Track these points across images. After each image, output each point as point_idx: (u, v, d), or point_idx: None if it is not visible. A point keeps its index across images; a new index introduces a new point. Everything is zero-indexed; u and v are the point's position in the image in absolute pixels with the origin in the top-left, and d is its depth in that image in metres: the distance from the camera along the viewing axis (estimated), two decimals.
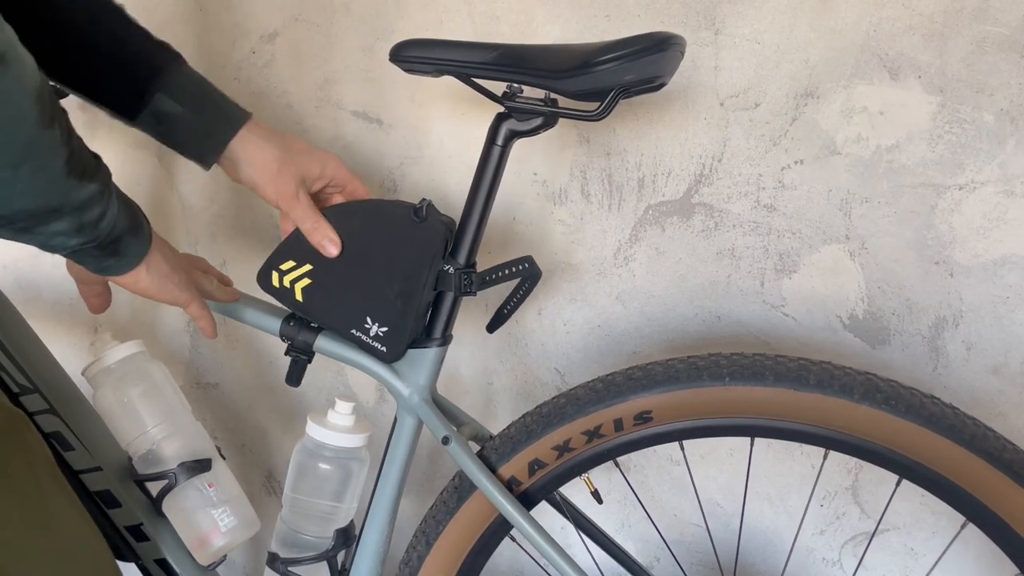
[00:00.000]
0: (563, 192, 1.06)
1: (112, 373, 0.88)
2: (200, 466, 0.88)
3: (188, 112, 0.74)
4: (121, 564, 0.81)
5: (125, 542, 0.89)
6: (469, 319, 1.13)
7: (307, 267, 0.80)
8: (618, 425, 0.81)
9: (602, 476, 1.15)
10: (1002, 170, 0.87)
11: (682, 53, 0.75)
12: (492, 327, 0.88)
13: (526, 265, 0.83)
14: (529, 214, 1.08)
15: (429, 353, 0.84)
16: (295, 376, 0.86)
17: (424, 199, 0.78)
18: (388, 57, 0.79)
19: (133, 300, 1.34)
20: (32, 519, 0.66)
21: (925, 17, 0.86)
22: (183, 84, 0.74)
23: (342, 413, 0.87)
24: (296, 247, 0.80)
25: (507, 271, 0.83)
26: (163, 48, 0.75)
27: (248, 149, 0.76)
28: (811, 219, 0.96)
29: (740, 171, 0.97)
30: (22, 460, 0.67)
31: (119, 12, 0.74)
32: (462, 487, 0.88)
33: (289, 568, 0.88)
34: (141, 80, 0.73)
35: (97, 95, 0.74)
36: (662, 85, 0.76)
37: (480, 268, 0.83)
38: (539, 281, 0.84)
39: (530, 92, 0.77)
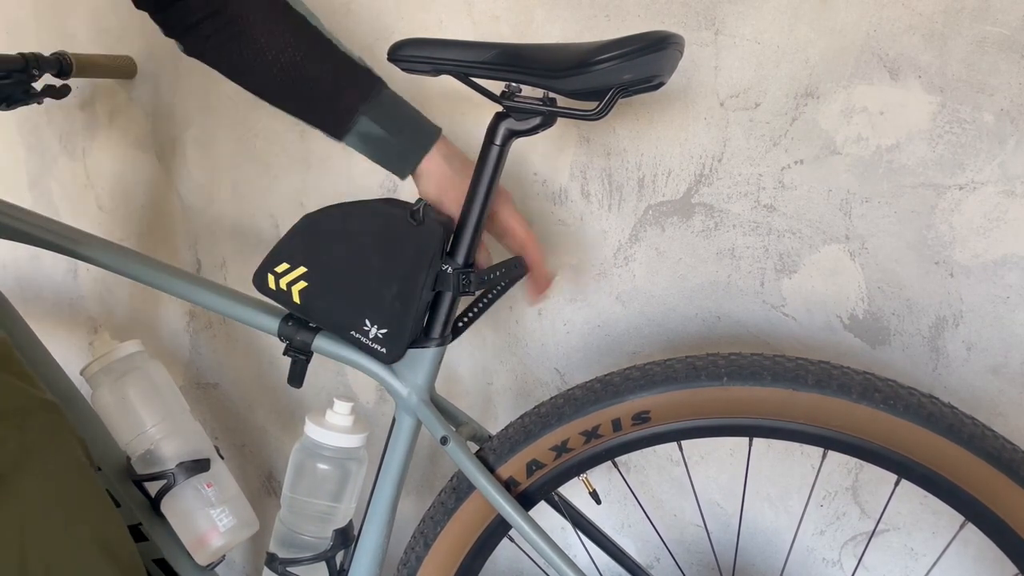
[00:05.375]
0: (563, 192, 1.06)
1: (110, 373, 0.88)
2: (198, 466, 0.88)
3: (388, 134, 0.80)
4: None
5: None
6: None
7: (301, 269, 0.80)
8: (616, 425, 0.81)
9: (603, 476, 1.15)
10: (1002, 170, 0.87)
11: (680, 52, 0.75)
12: (452, 336, 0.87)
13: (520, 264, 0.84)
14: (529, 214, 1.08)
15: (427, 353, 0.84)
16: (297, 377, 0.86)
17: (420, 199, 0.78)
18: (386, 56, 0.79)
19: (132, 299, 1.34)
20: (73, 513, 0.66)
21: (925, 17, 0.86)
22: (384, 107, 0.81)
23: (340, 413, 0.87)
24: (289, 249, 0.80)
25: (504, 270, 0.83)
26: (367, 74, 0.81)
27: (430, 167, 0.83)
28: (811, 219, 0.95)
29: (740, 171, 0.97)
30: (59, 451, 0.67)
31: (327, 44, 0.80)
32: (460, 487, 0.88)
33: (288, 568, 0.88)
34: (346, 106, 0.79)
35: (308, 118, 0.81)
36: (660, 84, 0.76)
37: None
38: (516, 282, 0.85)
39: (529, 91, 0.77)
